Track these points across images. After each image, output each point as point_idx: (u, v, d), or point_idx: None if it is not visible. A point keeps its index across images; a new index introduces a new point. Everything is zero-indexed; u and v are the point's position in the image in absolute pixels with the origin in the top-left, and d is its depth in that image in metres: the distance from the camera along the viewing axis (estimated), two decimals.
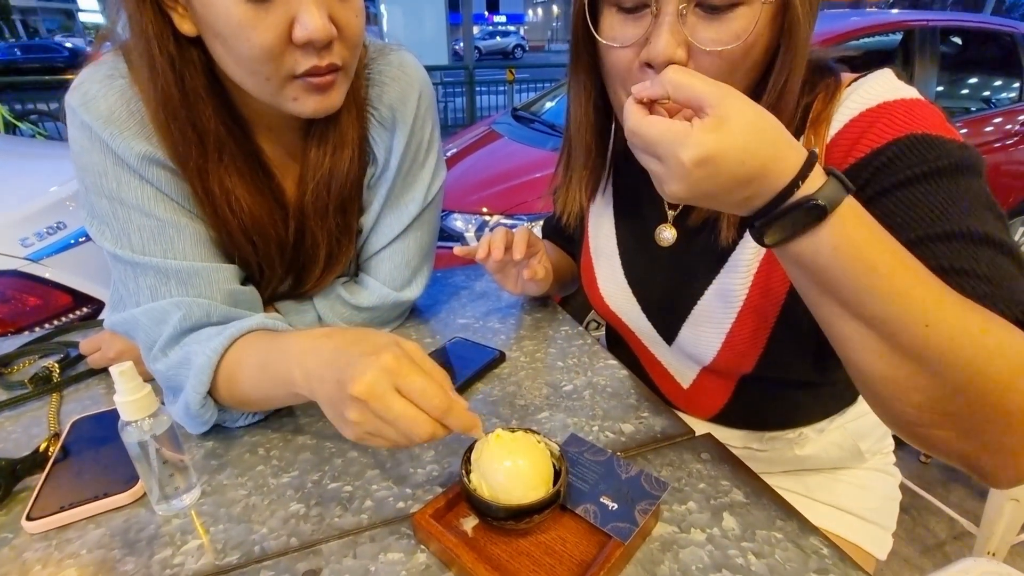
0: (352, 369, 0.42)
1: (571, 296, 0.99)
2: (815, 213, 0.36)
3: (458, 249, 0.71)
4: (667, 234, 0.65)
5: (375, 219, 0.71)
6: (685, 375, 0.70)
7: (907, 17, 2.45)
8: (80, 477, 0.52)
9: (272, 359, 0.51)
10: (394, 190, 0.70)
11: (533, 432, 0.48)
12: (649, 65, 0.48)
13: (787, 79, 0.48)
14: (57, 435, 0.58)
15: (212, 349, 0.53)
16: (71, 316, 1.40)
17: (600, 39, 0.51)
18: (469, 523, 0.45)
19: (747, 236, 0.56)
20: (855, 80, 0.52)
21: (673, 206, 0.65)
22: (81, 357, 0.74)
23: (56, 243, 1.41)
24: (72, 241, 1.44)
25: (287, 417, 0.61)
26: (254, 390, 0.53)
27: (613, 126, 0.66)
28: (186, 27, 0.51)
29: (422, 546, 0.45)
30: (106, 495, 0.50)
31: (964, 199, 0.43)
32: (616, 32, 0.49)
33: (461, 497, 0.47)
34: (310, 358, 0.47)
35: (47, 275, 1.37)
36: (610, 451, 0.51)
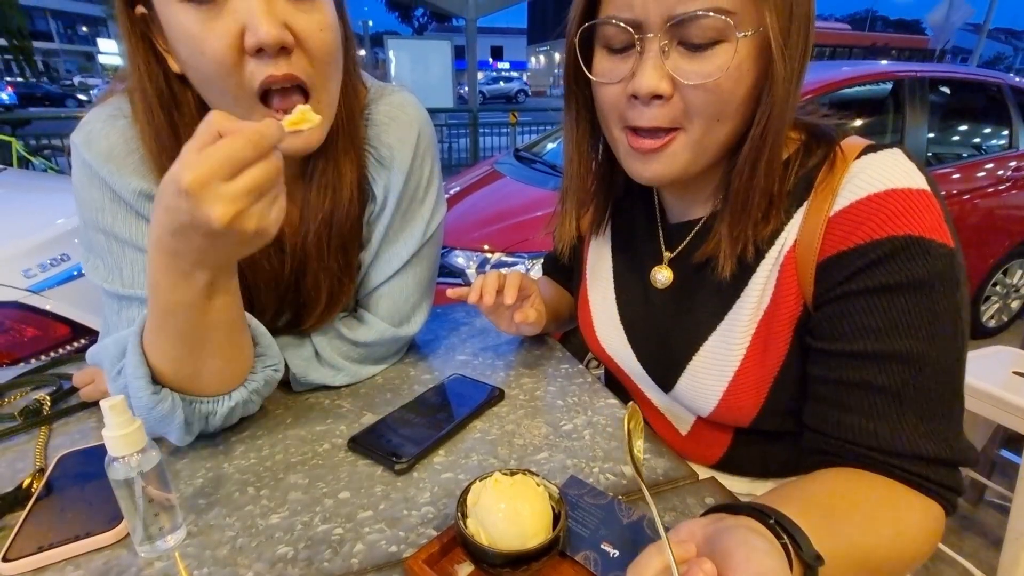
0: (191, 214, 0.42)
1: (571, 333, 0.98)
2: None
3: (451, 291, 0.71)
4: (661, 276, 0.64)
5: (374, 255, 0.71)
6: (683, 422, 0.69)
7: (897, 68, 2.54)
8: (62, 515, 0.50)
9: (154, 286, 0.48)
10: (393, 226, 0.70)
11: (532, 474, 0.47)
12: (636, 97, 0.51)
13: (769, 116, 0.49)
14: (42, 470, 0.57)
15: (133, 332, 0.53)
16: (69, 348, 1.39)
17: (592, 77, 0.54)
18: (464, 570, 0.44)
19: (748, 289, 0.56)
20: (864, 152, 0.51)
21: (670, 246, 0.65)
22: (74, 390, 0.73)
23: (58, 275, 1.42)
24: (75, 273, 1.44)
25: (280, 455, 0.60)
26: (174, 329, 0.50)
27: (615, 166, 0.67)
28: (177, 66, 0.53)
29: None
30: (88, 535, 0.48)
31: (931, 319, 0.47)
32: (606, 70, 0.53)
33: (456, 542, 0.45)
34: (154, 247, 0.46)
35: (47, 307, 1.37)
36: (611, 494, 0.49)
